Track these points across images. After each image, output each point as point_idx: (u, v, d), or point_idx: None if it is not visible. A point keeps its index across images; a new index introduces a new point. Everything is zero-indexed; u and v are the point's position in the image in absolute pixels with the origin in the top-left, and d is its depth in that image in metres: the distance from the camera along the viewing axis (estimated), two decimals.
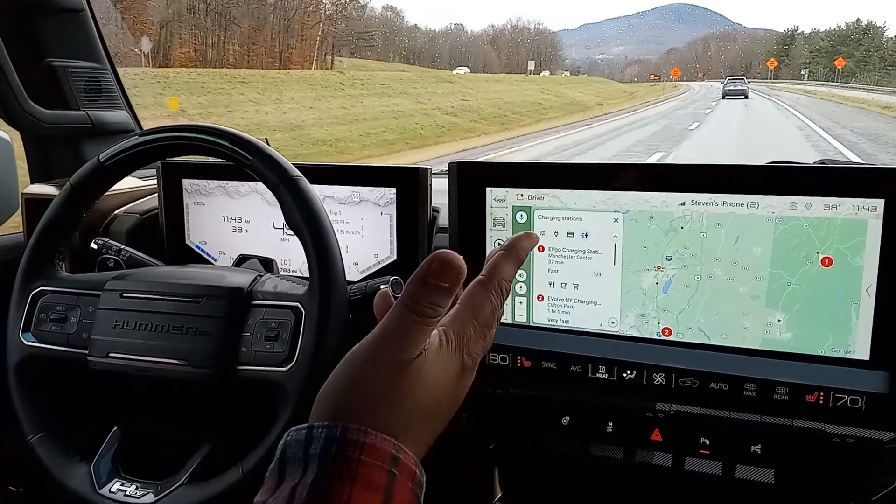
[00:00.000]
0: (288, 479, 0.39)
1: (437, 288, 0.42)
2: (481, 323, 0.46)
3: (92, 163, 0.87)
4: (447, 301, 0.43)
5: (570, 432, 0.80)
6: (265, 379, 0.79)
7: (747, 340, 0.73)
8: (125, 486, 0.81)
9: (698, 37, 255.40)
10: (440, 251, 0.43)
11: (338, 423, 0.40)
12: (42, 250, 0.88)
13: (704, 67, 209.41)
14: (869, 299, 0.68)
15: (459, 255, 0.43)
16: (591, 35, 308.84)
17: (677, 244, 0.75)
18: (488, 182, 0.82)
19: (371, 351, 0.43)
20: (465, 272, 0.43)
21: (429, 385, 0.43)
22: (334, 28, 48.58)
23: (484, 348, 0.47)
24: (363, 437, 0.39)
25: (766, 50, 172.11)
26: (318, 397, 0.43)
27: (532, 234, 0.51)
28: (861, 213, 0.67)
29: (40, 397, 0.86)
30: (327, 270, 0.78)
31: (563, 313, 0.81)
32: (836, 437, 0.70)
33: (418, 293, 0.42)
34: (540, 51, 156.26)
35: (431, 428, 0.44)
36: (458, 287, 0.43)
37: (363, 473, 0.38)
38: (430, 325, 0.43)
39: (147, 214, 1.19)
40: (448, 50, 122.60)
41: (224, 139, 0.82)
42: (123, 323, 0.83)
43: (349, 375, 0.43)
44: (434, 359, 0.43)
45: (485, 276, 0.47)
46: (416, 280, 0.43)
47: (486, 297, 0.46)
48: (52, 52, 1.24)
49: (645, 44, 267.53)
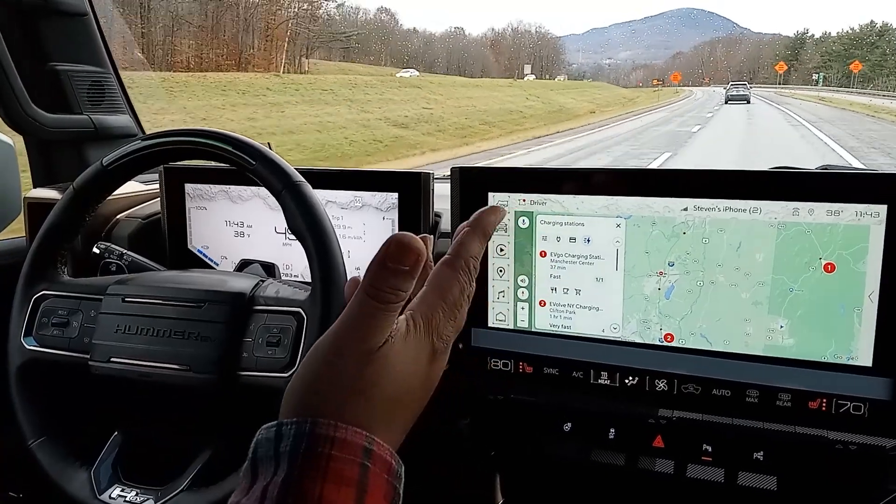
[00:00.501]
0: (260, 478, 0.38)
1: (397, 272, 0.41)
2: (450, 304, 0.44)
3: (95, 167, 0.87)
4: (409, 285, 0.41)
5: (572, 438, 0.80)
6: (266, 384, 0.78)
7: (750, 347, 0.73)
8: (125, 492, 0.81)
9: (704, 41, 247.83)
10: (398, 233, 0.42)
11: (306, 418, 0.39)
12: (44, 254, 0.88)
13: (710, 72, 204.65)
14: (871, 305, 0.68)
15: (417, 237, 0.42)
16: (598, 40, 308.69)
17: (679, 250, 0.74)
18: (490, 187, 0.82)
19: (334, 342, 0.41)
20: (425, 253, 0.42)
21: (398, 373, 0.41)
22: (307, 28, 44.61)
23: (455, 329, 0.45)
24: (333, 431, 0.38)
25: (775, 54, 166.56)
26: (286, 393, 0.42)
27: (498, 207, 0.49)
28: (864, 218, 0.67)
29: (41, 402, 0.86)
30: (329, 276, 0.78)
31: (565, 319, 0.81)
32: (839, 444, 0.70)
33: (378, 278, 0.41)
34: (542, 55, 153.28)
35: (404, 416, 0.43)
36: (418, 269, 0.42)
37: (334, 469, 0.37)
38: (394, 311, 0.41)
39: (149, 219, 1.19)
40: (445, 54, 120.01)
41: (227, 143, 0.82)
42: (125, 328, 0.83)
43: (314, 369, 0.41)
44: (401, 345, 0.42)
45: (451, 254, 0.46)
46: (374, 265, 0.41)
47: (453, 276, 0.44)
48: (56, 56, 1.24)
49: (652, 49, 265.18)
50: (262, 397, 0.80)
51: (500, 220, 0.49)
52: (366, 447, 0.38)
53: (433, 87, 28.99)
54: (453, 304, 0.44)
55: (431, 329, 0.43)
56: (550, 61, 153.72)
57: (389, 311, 0.41)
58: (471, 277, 0.45)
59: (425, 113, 21.11)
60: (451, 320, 0.44)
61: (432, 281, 0.45)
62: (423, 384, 0.43)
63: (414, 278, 0.41)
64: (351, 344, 0.40)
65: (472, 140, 17.30)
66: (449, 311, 0.44)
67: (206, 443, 0.83)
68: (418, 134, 17.58)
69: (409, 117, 19.84)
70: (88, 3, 1.27)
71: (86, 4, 1.26)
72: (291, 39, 41.76)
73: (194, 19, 36.09)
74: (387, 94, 24.40)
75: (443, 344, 0.44)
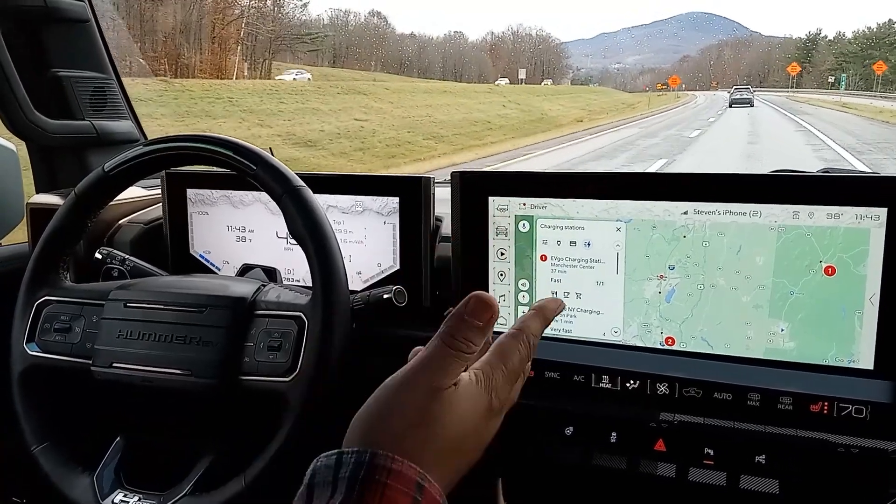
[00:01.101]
0: (315, 501, 0.41)
1: (472, 325, 0.46)
2: (510, 369, 0.49)
3: (96, 173, 0.87)
4: (481, 339, 0.47)
5: (574, 442, 0.80)
6: (268, 389, 0.79)
7: (751, 350, 0.73)
8: (128, 497, 0.81)
9: (712, 44, 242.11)
10: (478, 292, 0.48)
11: (367, 448, 0.42)
12: (46, 260, 0.89)
13: (719, 75, 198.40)
14: (872, 308, 0.68)
15: (494, 298, 0.48)
16: (607, 44, 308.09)
17: (680, 253, 0.75)
18: (491, 191, 0.82)
19: (406, 379, 0.46)
20: (498, 313, 0.48)
21: (457, 415, 0.45)
22: (268, 30, 39.75)
23: (511, 398, 0.51)
24: (390, 463, 0.41)
25: (785, 55, 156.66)
26: (352, 423, 0.46)
27: (559, 300, 0.56)
28: (864, 221, 0.67)
29: (44, 407, 0.86)
30: (330, 280, 0.78)
31: (566, 323, 0.81)
32: (841, 448, 0.70)
33: (455, 328, 0.46)
34: (544, 59, 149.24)
35: (456, 461, 0.46)
36: (491, 326, 0.48)
37: (388, 496, 0.40)
38: (464, 360, 0.46)
39: (151, 224, 1.20)
40: (441, 58, 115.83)
41: (227, 149, 0.83)
42: (127, 333, 0.83)
43: (383, 402, 0.45)
44: (464, 393, 0.46)
45: (515, 328, 0.52)
46: (454, 317, 0.47)
47: (515, 346, 0.50)
48: (58, 62, 1.25)
49: (661, 53, 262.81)
50: (264, 402, 0.80)
51: (560, 310, 0.56)
52: (418, 482, 0.41)
53: (386, 93, 24.61)
54: (512, 371, 0.49)
55: (490, 387, 0.48)
56: (552, 66, 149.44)
57: (461, 358, 0.46)
58: (530, 352, 0.51)
59: (354, 126, 17.96)
60: (509, 384, 0.49)
61: (496, 347, 0.50)
62: (478, 436, 0.47)
63: (486, 334, 0.47)
64: (421, 381, 0.45)
65: (405, 160, 14.90)
66: (508, 376, 0.49)
67: (208, 447, 0.83)
68: (325, 155, 14.80)
69: (325, 132, 16.63)
70: (90, 10, 1.27)
71: (88, 11, 1.26)
72: (244, 42, 37.08)
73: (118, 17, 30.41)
74: (315, 102, 20.00)
75: (498, 404, 0.48)
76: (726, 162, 12.31)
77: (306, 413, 0.76)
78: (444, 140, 18.27)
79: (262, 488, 0.76)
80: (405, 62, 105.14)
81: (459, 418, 0.45)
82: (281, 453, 0.76)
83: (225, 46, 35.74)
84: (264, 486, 0.76)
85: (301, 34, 46.90)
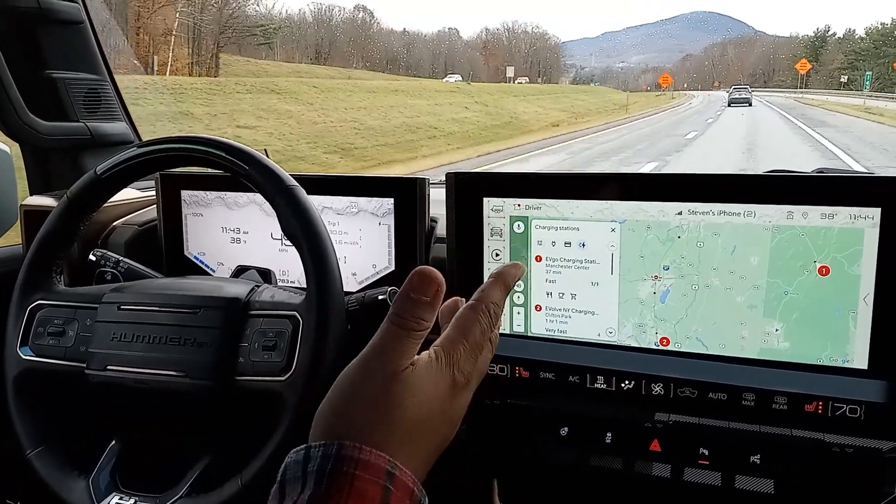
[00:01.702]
0: (287, 497, 0.40)
1: (419, 301, 0.46)
2: (471, 342, 0.48)
3: (89, 175, 0.87)
4: (430, 315, 0.46)
5: (569, 443, 0.80)
6: (263, 389, 0.78)
7: (745, 350, 0.73)
8: (124, 500, 0.80)
9: (716, 42, 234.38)
10: (420, 267, 0.47)
11: (333, 441, 0.41)
12: (40, 263, 0.88)
13: (722, 74, 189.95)
14: (867, 308, 0.68)
15: (437, 271, 0.47)
16: (611, 43, 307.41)
17: (674, 254, 0.75)
18: (486, 192, 0.82)
19: (361, 365, 0.45)
20: (444, 286, 0.47)
21: (419, 396, 0.44)
22: (209, 19, 33.42)
23: (478, 370, 0.49)
24: (357, 454, 0.40)
25: (792, 54, 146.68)
26: (316, 417, 0.45)
27: (519, 263, 0.55)
28: (858, 221, 0.67)
29: (38, 411, 0.86)
30: (324, 279, 0.78)
31: (561, 323, 0.81)
32: (836, 447, 0.70)
33: (403, 307, 0.46)
34: (541, 57, 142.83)
35: (425, 444, 0.45)
36: (439, 300, 0.47)
37: (358, 487, 0.39)
38: (417, 339, 0.45)
39: (146, 226, 1.19)
40: (430, 56, 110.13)
41: (220, 149, 0.82)
42: (121, 335, 0.83)
43: (343, 392, 0.45)
44: (423, 372, 0.45)
45: (474, 299, 0.51)
46: (400, 296, 0.46)
47: (474, 318, 0.49)
48: (52, 63, 1.24)
49: (665, 52, 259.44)
50: (260, 402, 0.80)
51: (520, 275, 0.55)
52: (388, 470, 0.41)
53: (311, 93, 19.94)
54: (474, 343, 0.48)
55: (452, 362, 0.47)
56: (550, 64, 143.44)
57: (413, 338, 0.45)
58: (491, 322, 0.50)
59: (229, 135, 10.25)
60: (472, 358, 0.48)
61: (455, 321, 0.49)
62: (445, 415, 0.46)
63: (435, 308, 0.47)
64: (376, 366, 0.44)
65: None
66: (470, 349, 0.48)
67: (205, 449, 0.83)
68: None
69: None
70: (84, 11, 1.27)
71: (82, 13, 1.26)
72: (178, 34, 32.06)
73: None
74: (193, 103, 15.69)
75: (462, 378, 0.47)
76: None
77: (302, 412, 0.76)
78: (353, 154, 14.85)
79: (258, 489, 0.76)
80: (393, 59, 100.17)
81: (421, 399, 0.44)
82: (277, 453, 0.76)
83: (155, 38, 31.21)
84: (261, 487, 0.76)
85: (252, 26, 40.67)
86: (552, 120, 25.55)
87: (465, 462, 0.89)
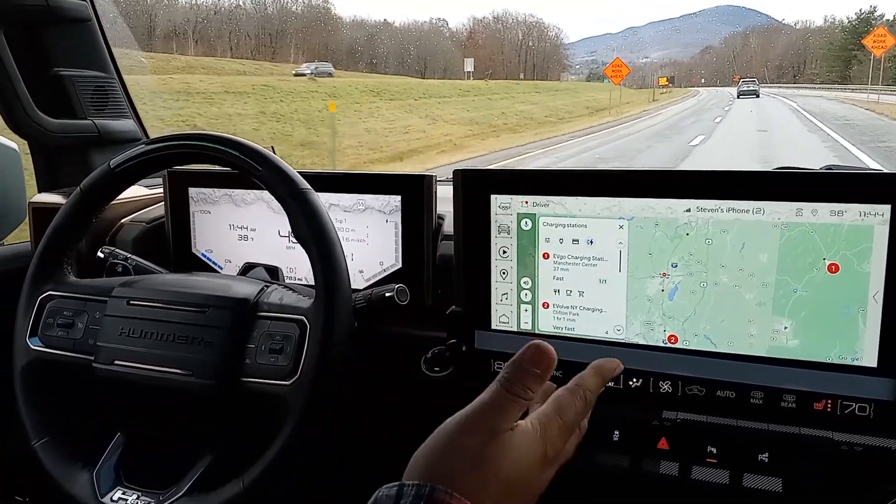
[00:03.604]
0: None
1: (530, 372, 0.49)
2: (565, 422, 0.51)
3: (103, 168, 0.88)
4: (538, 386, 0.49)
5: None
6: (268, 392, 0.78)
7: (754, 348, 0.73)
8: (127, 495, 0.81)
9: (737, 31, 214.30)
10: (536, 341, 0.51)
11: (427, 482, 0.44)
12: (51, 254, 0.89)
13: (744, 68, 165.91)
14: (876, 306, 0.68)
15: (551, 347, 0.50)
16: (633, 39, 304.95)
17: (683, 251, 0.74)
18: (493, 189, 0.82)
19: (466, 420, 0.48)
20: (556, 362, 0.50)
21: (513, 458, 0.47)
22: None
23: (565, 451, 0.52)
24: (448, 499, 0.43)
25: (828, 41, 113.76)
26: (413, 458, 0.47)
27: (617, 361, 0.59)
28: (867, 218, 0.67)
29: (45, 402, 0.86)
30: (333, 285, 0.78)
31: (569, 321, 0.81)
32: (845, 446, 0.70)
33: (514, 375, 0.49)
34: (538, 50, 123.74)
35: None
36: (548, 374, 0.50)
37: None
38: (521, 405, 0.48)
39: (153, 223, 1.20)
40: (398, 50, 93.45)
41: (234, 149, 0.82)
42: (129, 331, 0.83)
43: (443, 440, 0.47)
44: (521, 438, 0.48)
45: (573, 384, 0.54)
46: (513, 364, 0.49)
47: (571, 400, 0.52)
48: (60, 61, 1.25)
49: (689, 47, 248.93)
50: (264, 404, 0.80)
51: (619, 371, 0.60)
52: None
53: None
54: (568, 424, 0.51)
55: (546, 436, 0.49)
56: (545, 58, 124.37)
57: (518, 404, 0.48)
58: (586, 408, 0.53)
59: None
60: (563, 437, 0.51)
61: (553, 400, 0.52)
62: (529, 483, 0.48)
63: (543, 381, 0.50)
64: (480, 422, 0.47)
65: None
66: (563, 428, 0.51)
67: (208, 448, 0.83)
68: None
69: None
70: (92, 9, 1.27)
71: (89, 10, 1.27)
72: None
73: None
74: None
75: (552, 453, 0.50)
76: None
77: (306, 417, 0.76)
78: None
79: (260, 492, 0.76)
80: (350, 52, 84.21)
81: (515, 462, 0.47)
82: (280, 457, 0.76)
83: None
84: (263, 490, 0.76)
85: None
86: (456, 135, 17.37)
87: None
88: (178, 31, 36.07)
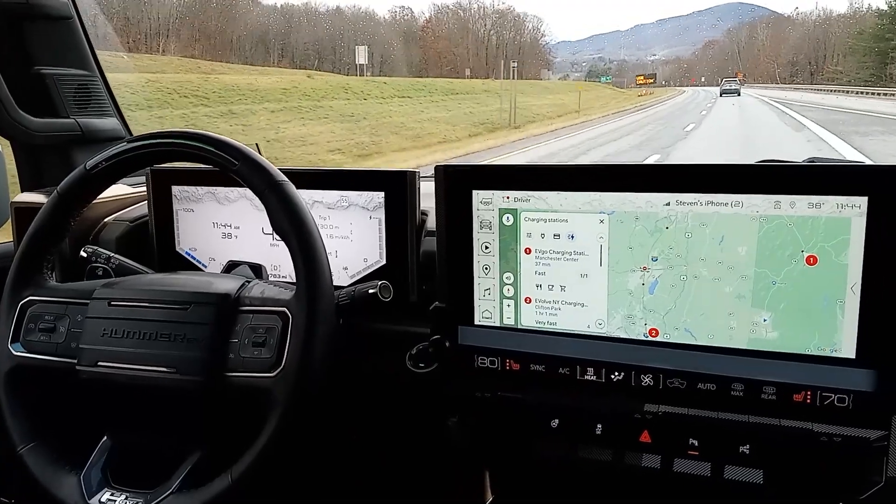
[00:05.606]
0: None
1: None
2: None
3: (79, 171, 0.87)
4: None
5: (559, 435, 0.80)
6: (253, 385, 0.78)
7: (734, 340, 0.73)
8: (115, 496, 0.80)
9: (742, 22, 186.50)
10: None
11: None
12: (31, 259, 0.88)
13: (750, 64, 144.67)
14: (854, 297, 0.68)
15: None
16: (641, 36, 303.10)
17: (663, 244, 0.75)
18: (475, 185, 0.82)
19: None
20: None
21: None
22: None
23: None
24: None
25: (850, 31, 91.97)
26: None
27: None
28: (845, 211, 0.67)
29: (29, 407, 0.86)
30: (313, 275, 0.78)
31: (551, 315, 0.81)
32: (824, 437, 0.70)
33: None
34: (516, 44, 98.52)
35: None
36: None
37: None
38: None
39: (137, 222, 1.19)
40: (329, 39, 72.57)
41: (209, 144, 0.82)
42: (112, 331, 0.83)
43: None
44: None
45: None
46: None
47: None
48: (41, 60, 1.24)
49: (698, 45, 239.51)
50: (250, 398, 0.80)
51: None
52: None
53: None
54: None
55: None
56: (521, 53, 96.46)
57: None
58: None
59: None
60: None
61: None
62: None
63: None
64: None
65: None
66: None
67: (195, 445, 0.83)
68: None
69: None
70: (73, 7, 1.26)
71: (71, 8, 1.25)
72: None
73: None
74: None
75: None
76: None
77: (292, 408, 0.76)
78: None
79: (248, 484, 0.76)
80: (263, 41, 65.45)
81: None
82: (267, 449, 0.76)
83: None
84: (251, 482, 0.76)
85: None
86: (334, 147, 13.77)
87: (457, 455, 0.89)
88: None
